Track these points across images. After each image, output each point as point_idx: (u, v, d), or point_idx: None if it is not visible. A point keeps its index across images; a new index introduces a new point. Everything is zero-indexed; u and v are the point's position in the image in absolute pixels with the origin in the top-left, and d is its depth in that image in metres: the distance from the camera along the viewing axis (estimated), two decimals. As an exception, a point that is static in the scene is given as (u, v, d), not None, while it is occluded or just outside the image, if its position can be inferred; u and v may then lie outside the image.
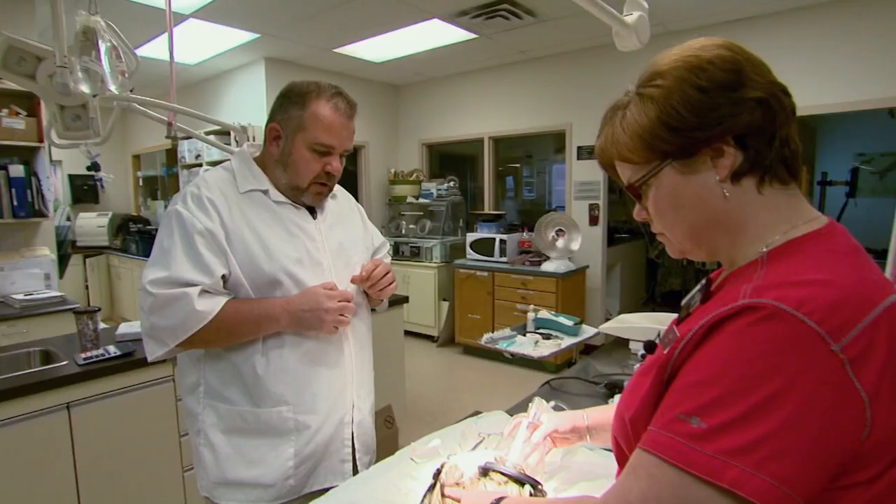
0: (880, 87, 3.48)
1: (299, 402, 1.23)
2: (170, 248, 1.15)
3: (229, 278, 1.19)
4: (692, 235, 0.68)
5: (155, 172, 6.78)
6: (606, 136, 0.71)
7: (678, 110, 0.62)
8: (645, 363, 0.69)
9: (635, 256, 6.32)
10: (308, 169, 1.24)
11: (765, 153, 0.62)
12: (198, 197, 1.19)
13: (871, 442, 0.51)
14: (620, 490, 0.58)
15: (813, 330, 0.50)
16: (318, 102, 1.22)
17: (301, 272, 1.24)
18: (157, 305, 1.12)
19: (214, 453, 1.24)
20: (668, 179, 0.66)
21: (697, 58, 0.63)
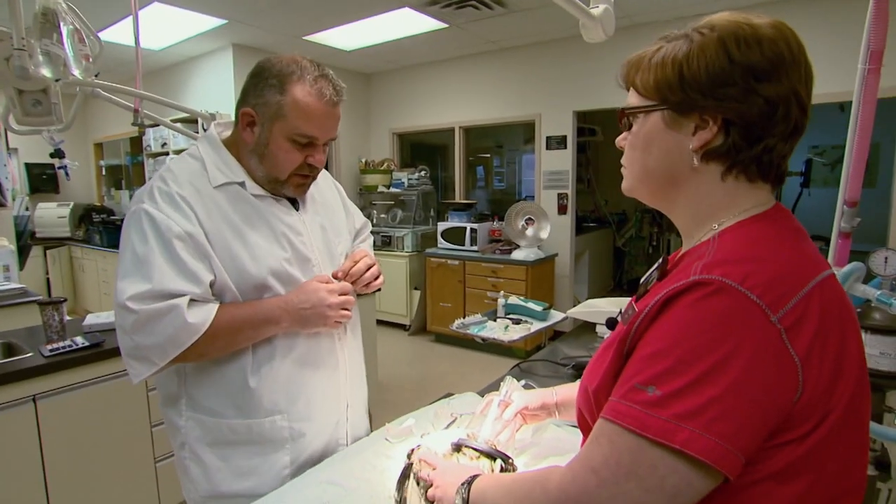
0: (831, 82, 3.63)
1: (293, 411, 1.15)
2: (147, 255, 1.00)
3: (214, 284, 1.07)
4: (643, 178, 0.72)
5: (119, 161, 6.59)
6: (637, 59, 0.71)
7: (699, 66, 0.63)
8: (607, 339, 0.73)
9: (603, 244, 6.45)
10: (288, 161, 1.10)
11: (741, 150, 0.64)
12: (168, 194, 1.05)
13: (802, 403, 0.56)
14: (584, 457, 0.63)
15: (754, 303, 0.55)
16: (299, 87, 1.05)
17: (291, 271, 1.14)
18: (141, 322, 0.98)
19: (203, 467, 1.14)
20: (654, 122, 0.69)
21: (751, 27, 0.63)
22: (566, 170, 4.86)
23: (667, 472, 0.55)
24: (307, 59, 1.09)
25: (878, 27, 1.04)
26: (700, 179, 0.67)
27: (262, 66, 1.09)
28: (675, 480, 0.55)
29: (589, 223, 6.34)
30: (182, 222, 1.03)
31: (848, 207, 1.20)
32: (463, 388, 1.60)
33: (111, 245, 5.45)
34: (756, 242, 0.62)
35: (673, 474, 0.55)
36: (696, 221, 0.70)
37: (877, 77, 1.07)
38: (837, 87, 3.61)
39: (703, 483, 0.56)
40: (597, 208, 6.75)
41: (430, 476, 0.90)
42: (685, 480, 0.55)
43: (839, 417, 0.59)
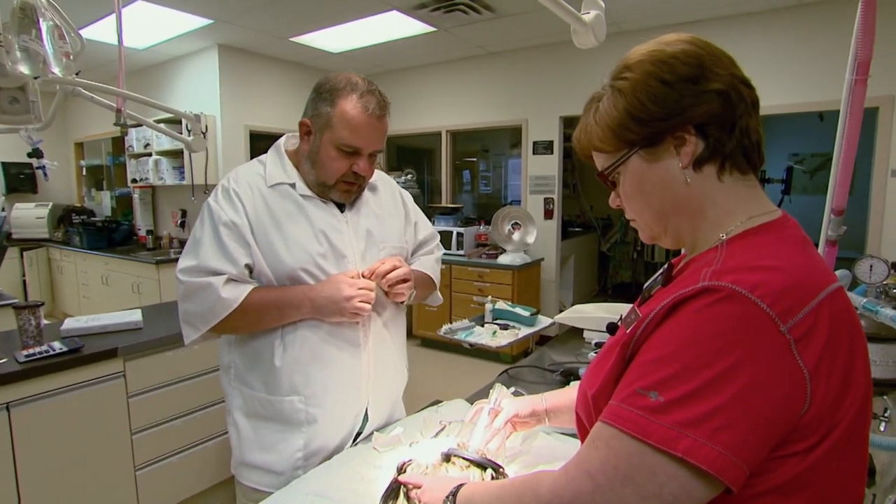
0: (812, 92, 3.70)
1: (310, 395, 1.25)
2: (200, 238, 1.21)
3: (254, 269, 1.22)
4: (658, 220, 0.72)
5: (100, 161, 6.46)
6: (582, 127, 0.74)
7: (643, 102, 0.66)
8: (608, 343, 0.72)
9: (588, 249, 6.49)
10: (334, 168, 1.22)
11: (724, 142, 0.66)
12: (226, 190, 1.24)
13: (809, 416, 0.56)
14: (580, 460, 0.61)
15: (765, 312, 0.54)
16: (347, 101, 1.18)
17: (325, 265, 1.24)
18: (188, 293, 1.19)
19: (238, 434, 1.29)
20: (636, 167, 0.70)
21: (662, 52, 0.67)
22: (552, 175, 4.88)
23: (666, 480, 0.54)
24: (360, 77, 1.22)
25: (865, 39, 1.05)
26: (700, 190, 0.67)
27: (321, 81, 1.23)
28: (674, 489, 0.54)
29: (574, 228, 6.37)
30: (230, 213, 1.20)
31: (835, 216, 1.21)
32: (450, 394, 1.58)
33: (92, 247, 5.35)
34: (766, 251, 0.61)
35: (672, 482, 0.54)
36: (703, 234, 0.69)
37: (863, 87, 1.08)
38: (817, 97, 3.68)
39: (703, 493, 0.55)
40: (582, 213, 6.78)
41: (418, 493, 0.88)
42: (684, 489, 0.54)
43: (844, 432, 0.58)
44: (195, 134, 2.75)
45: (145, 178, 5.23)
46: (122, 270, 4.94)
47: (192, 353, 2.34)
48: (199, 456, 2.41)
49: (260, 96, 5.10)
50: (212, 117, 4.75)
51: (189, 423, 2.36)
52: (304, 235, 1.24)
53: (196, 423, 2.38)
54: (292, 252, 1.22)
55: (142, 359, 2.17)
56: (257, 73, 5.06)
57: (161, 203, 5.73)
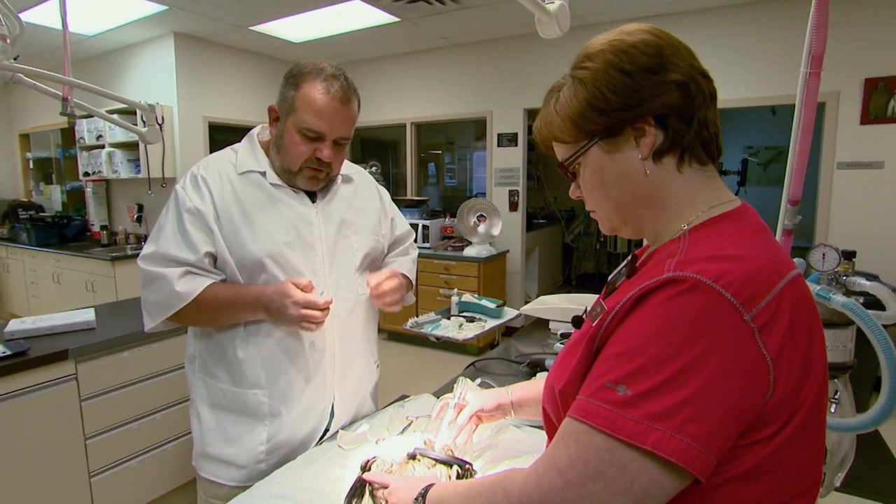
0: (765, 86, 3.82)
1: (274, 389, 1.23)
2: (163, 224, 1.20)
3: (217, 257, 1.20)
4: (618, 211, 0.71)
5: (48, 154, 6.16)
6: (542, 117, 0.74)
7: (603, 92, 0.65)
8: (573, 337, 0.72)
9: (552, 241, 6.57)
10: (297, 153, 1.19)
11: (683, 133, 0.66)
12: (194, 177, 1.22)
13: (772, 402, 0.56)
14: (549, 458, 0.61)
15: (729, 301, 0.54)
16: (311, 84, 1.16)
17: (290, 255, 1.22)
18: (146, 280, 1.18)
19: (200, 426, 1.28)
20: (596, 158, 0.69)
21: (623, 42, 0.66)
22: (517, 167, 4.90)
23: (636, 474, 0.54)
24: (329, 64, 1.20)
25: (818, 33, 1.08)
26: (660, 182, 0.67)
27: (291, 68, 1.21)
28: (644, 482, 0.54)
29: (539, 220, 6.43)
30: (195, 199, 1.18)
31: (791, 206, 1.24)
32: (417, 388, 1.57)
33: (41, 244, 5.10)
34: (728, 240, 0.62)
35: (642, 476, 0.54)
36: (664, 225, 0.69)
37: (817, 80, 1.10)
38: (770, 91, 3.79)
39: (673, 485, 0.55)
40: (546, 205, 6.86)
41: (385, 494, 0.86)
42: (654, 482, 0.54)
43: (804, 417, 0.59)
44: (150, 125, 2.65)
45: (98, 172, 5.01)
46: (74, 268, 4.73)
47: (150, 353, 2.25)
48: (159, 459, 2.33)
49: (219, 87, 4.95)
50: (168, 108, 4.58)
51: (148, 425, 2.27)
52: (271, 224, 1.21)
53: (155, 424, 2.30)
54: (258, 240, 1.19)
55: (95, 360, 2.08)
56: (216, 62, 4.90)
57: (116, 197, 5.50)
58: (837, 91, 3.55)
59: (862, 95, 3.50)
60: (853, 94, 3.53)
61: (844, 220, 3.65)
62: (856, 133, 3.56)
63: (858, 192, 3.60)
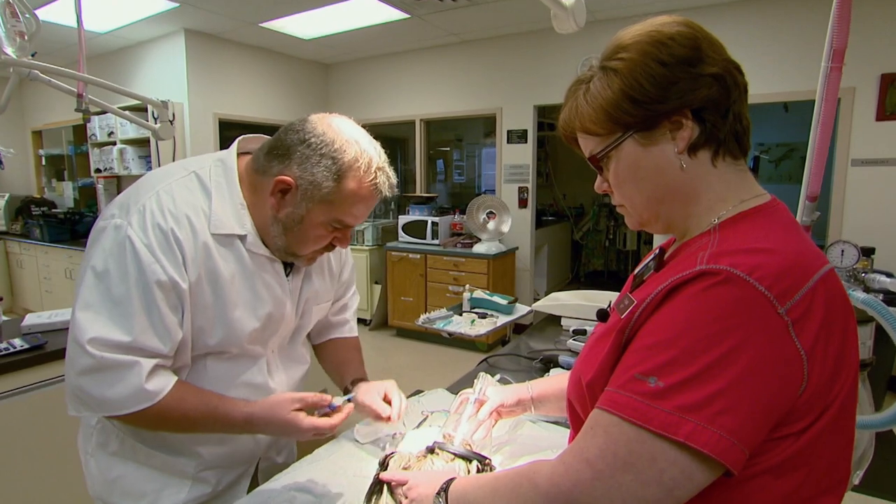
0: (776, 83, 3.79)
1: (206, 458, 1.07)
2: (124, 298, 0.88)
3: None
4: (650, 206, 0.71)
5: (60, 151, 6.21)
6: (570, 108, 0.72)
7: (641, 83, 0.64)
8: (600, 329, 0.71)
9: (561, 238, 6.55)
10: (316, 242, 1.01)
11: (720, 127, 0.65)
12: (161, 230, 0.91)
13: (805, 396, 0.56)
14: (578, 449, 0.61)
15: (763, 294, 0.54)
16: (358, 180, 0.95)
17: (252, 345, 1.05)
18: (95, 370, 0.88)
19: (98, 473, 1.10)
20: (629, 151, 0.68)
21: (660, 33, 0.65)
22: (527, 164, 4.89)
23: (666, 465, 0.54)
24: (367, 140, 0.99)
25: (841, 27, 1.06)
26: (695, 176, 0.67)
27: (319, 136, 0.94)
28: (675, 473, 0.54)
29: (547, 217, 6.41)
30: (169, 269, 0.90)
31: (809, 202, 1.23)
32: (428, 384, 1.57)
33: (54, 240, 5.15)
34: (760, 234, 0.61)
35: (672, 467, 0.54)
36: (695, 219, 0.69)
37: (839, 75, 1.09)
38: (782, 87, 3.76)
39: (704, 476, 0.55)
40: (555, 202, 6.84)
41: (404, 490, 0.86)
42: (685, 473, 0.54)
43: (836, 412, 0.59)
44: (163, 121, 2.66)
45: (110, 168, 5.05)
46: (86, 263, 4.78)
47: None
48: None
49: (229, 84, 4.97)
50: (179, 105, 4.60)
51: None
52: (243, 309, 0.99)
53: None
54: (225, 330, 0.98)
55: (110, 354, 2.09)
56: (226, 59, 4.92)
57: (126, 194, 5.54)
58: (853, 87, 3.52)
59: (878, 91, 3.46)
60: (869, 91, 3.49)
61: (859, 217, 3.62)
62: (871, 129, 3.52)
63: (873, 189, 3.56)
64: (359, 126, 1.01)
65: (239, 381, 1.04)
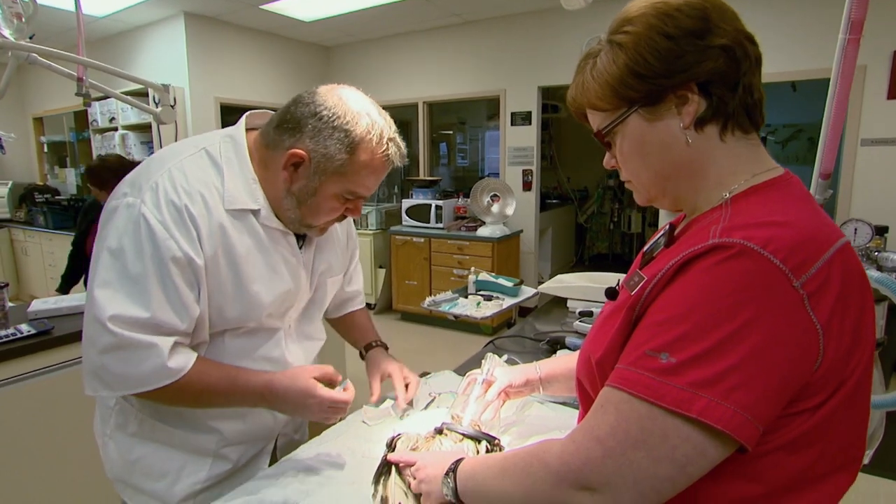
0: (783, 62, 3.71)
1: (226, 434, 1.08)
2: (140, 276, 0.88)
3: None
4: (657, 182, 0.69)
5: (62, 137, 6.18)
6: (577, 84, 0.71)
7: (645, 57, 0.63)
8: (610, 307, 0.70)
9: (565, 221, 6.52)
10: (330, 213, 1.01)
11: (728, 100, 0.63)
12: (175, 206, 0.90)
13: (821, 371, 0.55)
14: (588, 427, 0.60)
15: (777, 267, 0.53)
16: (371, 151, 0.95)
17: (270, 319, 1.05)
18: (117, 347, 0.88)
19: (118, 454, 1.09)
20: (635, 126, 0.67)
21: (666, 4, 0.63)
22: (531, 146, 4.85)
23: (679, 442, 0.54)
24: (381, 115, 0.98)
25: (858, -4, 1.03)
26: (701, 151, 0.65)
27: (330, 109, 0.93)
28: (687, 450, 0.54)
29: (551, 200, 6.38)
30: (184, 245, 0.90)
31: (822, 180, 1.21)
32: (433, 367, 1.56)
33: (58, 227, 5.15)
34: (774, 207, 0.60)
35: (685, 443, 0.54)
36: (705, 195, 0.67)
37: (856, 47, 1.06)
38: (791, 66, 3.69)
39: (717, 453, 0.54)
40: (559, 185, 6.79)
41: (412, 471, 0.85)
42: (698, 450, 0.54)
43: (851, 388, 0.58)
44: (164, 105, 2.64)
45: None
46: (90, 250, 4.78)
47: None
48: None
49: (230, 68, 4.92)
50: (180, 89, 4.56)
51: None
52: (260, 284, 1.00)
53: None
54: (243, 306, 0.99)
55: (116, 339, 2.10)
56: (227, 42, 4.86)
57: (129, 180, 5.53)
58: (864, 65, 3.44)
59: (890, 69, 3.40)
60: (880, 68, 3.42)
61: (868, 197, 3.57)
62: (882, 108, 3.45)
63: (883, 169, 3.50)
64: (367, 97, 1.00)
65: (256, 355, 1.06)
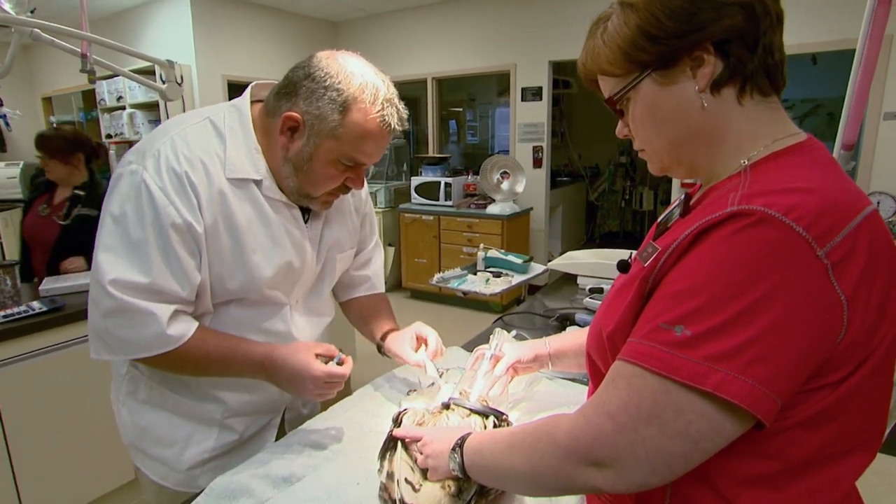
0: (804, 32, 3.58)
1: (230, 405, 1.08)
2: (141, 241, 0.89)
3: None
4: (671, 149, 0.66)
5: (71, 117, 6.19)
6: (588, 49, 0.68)
7: (657, 17, 0.59)
8: (622, 279, 0.68)
9: (576, 199, 6.46)
10: (326, 180, 0.98)
11: (746, 61, 0.60)
12: (176, 173, 0.90)
13: (844, 344, 0.52)
14: (598, 402, 0.58)
15: (800, 236, 0.50)
16: (363, 111, 0.91)
17: (272, 292, 1.04)
18: (119, 311, 0.89)
19: (130, 421, 1.11)
20: (648, 91, 0.64)
21: None
22: (541, 122, 4.77)
23: (694, 417, 0.52)
24: (378, 76, 0.94)
25: (888, -45, 0.98)
26: (718, 115, 0.62)
27: (323, 69, 0.91)
28: (702, 426, 0.52)
29: (562, 177, 6.30)
30: (185, 212, 0.90)
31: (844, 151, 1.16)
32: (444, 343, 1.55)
33: (68, 206, 5.18)
34: (797, 173, 0.57)
35: (700, 419, 0.52)
36: (722, 162, 0.64)
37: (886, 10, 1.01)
38: (810, 38, 3.57)
39: (733, 429, 0.52)
40: (570, 162, 6.71)
41: (419, 446, 0.84)
42: (713, 426, 0.52)
43: (876, 363, 0.55)
44: (169, 81, 2.62)
45: (120, 133, 5.03)
46: (102, 229, 4.81)
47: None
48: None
49: (237, 44, 4.87)
50: (187, 67, 4.53)
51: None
52: (261, 255, 0.99)
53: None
54: (244, 276, 0.98)
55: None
56: (233, 19, 4.80)
57: (138, 159, 5.54)
58: (890, 35, 3.32)
59: (914, 39, 3.28)
60: (904, 38, 3.31)
61: (891, 171, 3.46)
62: (907, 80, 3.35)
63: (906, 143, 3.40)
64: (369, 63, 0.96)
65: (262, 328, 1.05)
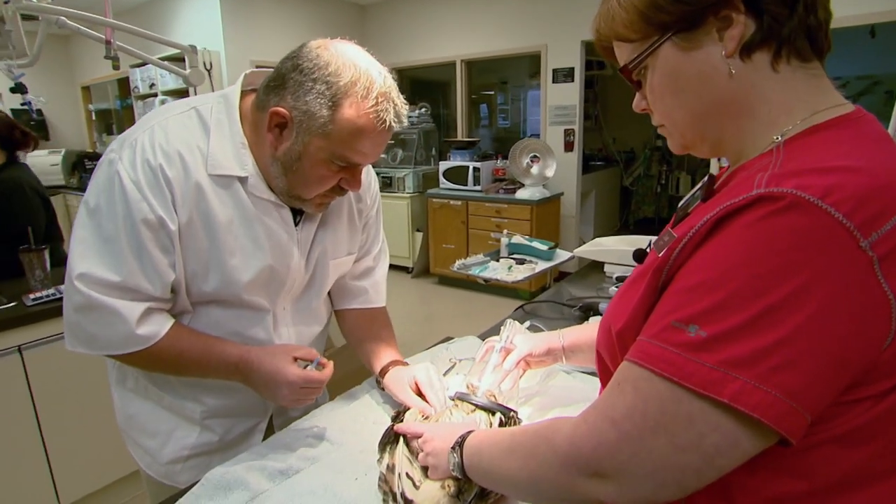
0: (861, 2, 3.32)
1: (211, 407, 1.03)
2: (113, 237, 0.84)
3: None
4: (694, 124, 0.58)
5: (108, 105, 6.36)
6: (602, 13, 0.61)
7: None
8: (634, 272, 0.61)
9: (610, 184, 6.29)
10: (320, 182, 0.89)
11: (782, 21, 0.51)
12: (150, 166, 0.84)
13: (891, 350, 0.45)
14: (602, 406, 0.52)
15: (839, 223, 0.42)
16: (355, 107, 0.82)
17: (253, 297, 0.97)
18: (87, 308, 0.85)
19: (121, 406, 1.10)
20: (668, 57, 0.56)
21: None
22: (573, 104, 4.63)
23: (707, 430, 0.45)
24: (372, 66, 0.86)
25: None
26: (748, 84, 0.53)
27: (312, 60, 0.83)
28: (716, 439, 0.45)
29: (596, 162, 6.14)
30: (157, 207, 0.84)
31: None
32: (466, 331, 1.50)
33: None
34: (839, 149, 0.48)
35: (714, 432, 0.45)
36: (752, 138, 0.55)
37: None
38: (867, 8, 3.32)
39: (753, 445, 0.45)
40: (604, 146, 6.52)
41: (419, 443, 0.80)
42: (729, 440, 0.45)
43: None
44: (192, 66, 2.62)
45: (154, 120, 5.14)
46: (137, 215, 4.95)
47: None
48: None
49: (264, 29, 4.87)
50: (216, 53, 4.55)
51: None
52: (239, 256, 0.91)
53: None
54: (221, 278, 0.91)
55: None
56: (260, 3, 4.81)
57: (172, 145, 5.66)
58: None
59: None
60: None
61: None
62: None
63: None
64: (365, 52, 0.88)
65: (240, 334, 0.98)
